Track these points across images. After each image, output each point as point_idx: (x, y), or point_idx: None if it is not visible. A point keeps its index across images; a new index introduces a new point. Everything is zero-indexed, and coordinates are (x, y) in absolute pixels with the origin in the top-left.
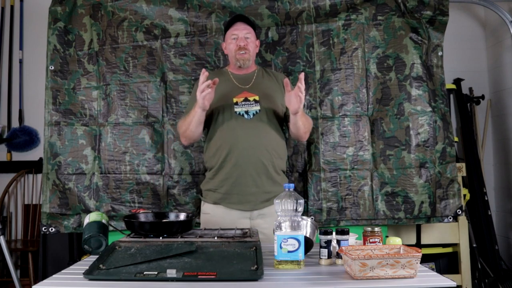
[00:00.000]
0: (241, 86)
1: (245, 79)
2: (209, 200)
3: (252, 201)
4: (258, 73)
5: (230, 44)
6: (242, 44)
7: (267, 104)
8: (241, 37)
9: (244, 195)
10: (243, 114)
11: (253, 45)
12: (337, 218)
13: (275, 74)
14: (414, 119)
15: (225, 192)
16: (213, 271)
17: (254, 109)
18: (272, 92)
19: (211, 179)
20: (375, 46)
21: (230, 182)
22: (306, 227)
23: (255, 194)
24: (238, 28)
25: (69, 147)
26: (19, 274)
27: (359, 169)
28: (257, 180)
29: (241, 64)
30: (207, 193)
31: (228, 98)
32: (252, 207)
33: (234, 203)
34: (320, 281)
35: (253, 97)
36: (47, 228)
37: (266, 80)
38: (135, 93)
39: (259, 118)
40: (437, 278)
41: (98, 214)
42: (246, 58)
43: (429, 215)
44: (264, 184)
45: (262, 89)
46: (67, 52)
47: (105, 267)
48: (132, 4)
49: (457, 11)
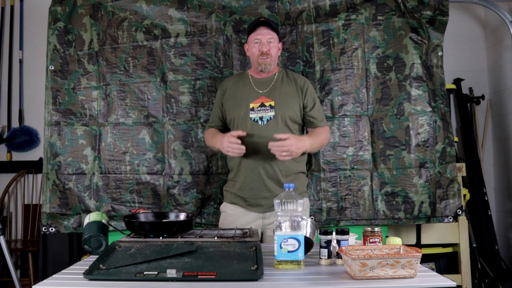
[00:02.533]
0: (259, 90)
1: (264, 84)
2: (227, 200)
3: (265, 205)
4: (277, 77)
5: (252, 48)
6: (265, 50)
7: (282, 109)
8: (264, 42)
9: (257, 198)
10: (257, 120)
11: (275, 50)
12: (337, 218)
13: (295, 77)
14: (414, 119)
15: (241, 195)
16: (213, 271)
17: (268, 115)
18: (288, 97)
19: (230, 182)
20: (375, 46)
21: (245, 186)
22: (306, 227)
23: (268, 198)
24: (261, 33)
25: (69, 147)
26: (19, 274)
27: (359, 169)
28: (269, 185)
29: (263, 69)
30: (226, 193)
31: (245, 103)
32: (265, 210)
33: (249, 205)
34: (320, 281)
35: (269, 103)
36: (47, 228)
37: (285, 84)
38: (135, 93)
39: (273, 124)
40: (437, 278)
41: (98, 214)
42: (268, 63)
43: (429, 215)
44: (276, 189)
45: (279, 94)
46: (67, 52)
47: (105, 267)
48: (132, 4)
49: (457, 11)
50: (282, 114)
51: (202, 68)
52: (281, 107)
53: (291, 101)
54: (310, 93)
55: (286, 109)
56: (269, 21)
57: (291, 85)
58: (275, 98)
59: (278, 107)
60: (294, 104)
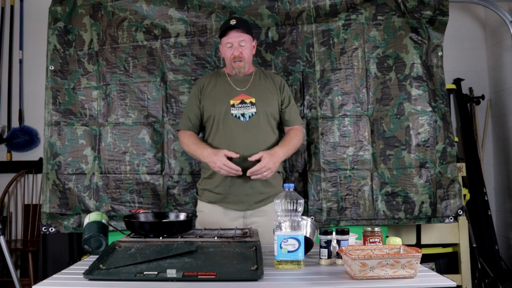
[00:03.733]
0: (238, 88)
1: (242, 82)
2: (205, 199)
3: (246, 202)
4: (255, 75)
5: (225, 52)
6: (237, 54)
7: (263, 106)
8: (236, 46)
9: (239, 195)
10: (239, 117)
11: (248, 51)
12: (337, 218)
13: (272, 76)
14: (414, 119)
15: (221, 193)
16: (213, 271)
17: (250, 111)
18: (268, 94)
19: (208, 179)
20: (375, 46)
21: (226, 183)
22: (306, 227)
23: (250, 195)
24: (232, 36)
25: (69, 147)
26: (19, 274)
27: (359, 169)
28: (252, 182)
29: (237, 72)
30: (203, 192)
31: (225, 100)
32: (246, 208)
33: (230, 203)
34: (320, 281)
35: (249, 100)
36: (47, 228)
37: (263, 82)
38: (135, 93)
39: (255, 120)
40: (437, 278)
41: (98, 214)
42: (241, 67)
43: (429, 215)
44: (258, 185)
45: (259, 92)
46: (67, 52)
47: (105, 267)
48: (132, 4)
49: (457, 11)
50: (263, 110)
51: (202, 68)
52: (262, 103)
53: (271, 98)
54: (286, 91)
55: (267, 106)
56: (239, 23)
57: (269, 83)
58: (255, 95)
59: (259, 104)
60: (274, 101)
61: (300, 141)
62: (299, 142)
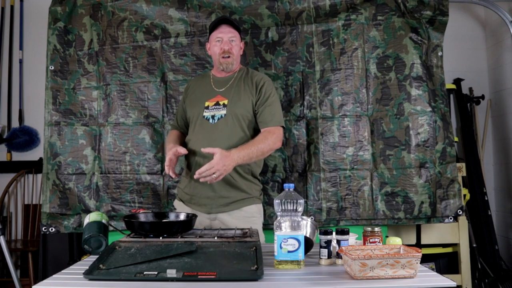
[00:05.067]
0: (216, 89)
1: (222, 82)
2: (178, 197)
3: (208, 204)
4: (237, 76)
5: (214, 47)
6: (227, 48)
7: (234, 108)
8: (226, 41)
9: (202, 198)
10: (209, 119)
11: (237, 48)
12: (337, 218)
13: (253, 75)
14: (414, 119)
15: (188, 193)
16: (213, 271)
17: (220, 113)
18: (242, 95)
19: (181, 179)
20: (375, 46)
21: (191, 184)
22: (306, 227)
23: (212, 198)
24: (223, 31)
25: (69, 147)
26: (19, 274)
27: (359, 169)
28: (214, 185)
29: (224, 68)
30: (178, 190)
31: (202, 102)
32: (208, 210)
33: (195, 204)
34: (320, 281)
35: (223, 101)
36: (47, 228)
37: (242, 83)
38: (135, 93)
39: (223, 123)
40: (437, 278)
41: (98, 214)
42: (229, 62)
43: (429, 215)
44: (221, 189)
45: (233, 93)
46: (67, 52)
47: (105, 267)
48: (132, 4)
49: (457, 11)
50: (232, 112)
51: (202, 68)
52: (233, 105)
53: (244, 99)
54: (264, 91)
55: (238, 107)
56: (231, 19)
57: (248, 83)
58: (229, 96)
59: (230, 105)
60: (246, 101)
61: (270, 145)
62: (268, 146)
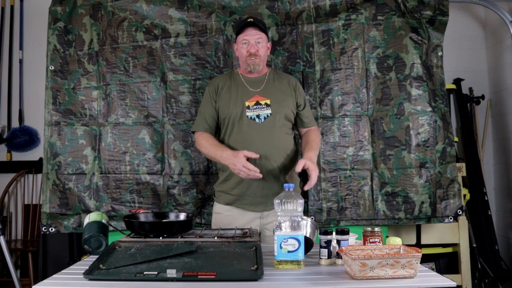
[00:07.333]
0: (252, 89)
1: (257, 83)
2: (222, 201)
3: (263, 203)
4: (269, 76)
5: (241, 49)
6: (253, 51)
7: (278, 107)
8: (252, 43)
9: (256, 197)
10: (254, 118)
11: (264, 50)
12: (337, 218)
13: (286, 76)
14: (414, 119)
15: (238, 194)
16: (213, 271)
17: (265, 112)
18: (283, 95)
19: (225, 181)
20: (375, 46)
21: (243, 185)
22: (306, 227)
23: (267, 196)
24: (249, 33)
25: (69, 147)
26: (19, 274)
27: (359, 169)
28: (269, 183)
29: (252, 69)
30: (220, 194)
31: (240, 102)
32: (263, 209)
33: (246, 204)
34: (320, 281)
35: (264, 101)
36: (47, 228)
37: (278, 83)
38: (135, 93)
39: (270, 122)
40: (437, 278)
41: (98, 214)
42: (256, 63)
43: (429, 215)
44: (275, 187)
45: (274, 93)
46: (67, 52)
47: (105, 267)
48: (132, 4)
49: (457, 11)
50: (279, 112)
51: (202, 68)
52: (277, 105)
53: (286, 99)
54: (301, 92)
55: (282, 107)
56: (257, 21)
57: (284, 84)
58: (270, 96)
59: (274, 105)
60: (289, 102)
61: (320, 142)
62: (320, 143)
